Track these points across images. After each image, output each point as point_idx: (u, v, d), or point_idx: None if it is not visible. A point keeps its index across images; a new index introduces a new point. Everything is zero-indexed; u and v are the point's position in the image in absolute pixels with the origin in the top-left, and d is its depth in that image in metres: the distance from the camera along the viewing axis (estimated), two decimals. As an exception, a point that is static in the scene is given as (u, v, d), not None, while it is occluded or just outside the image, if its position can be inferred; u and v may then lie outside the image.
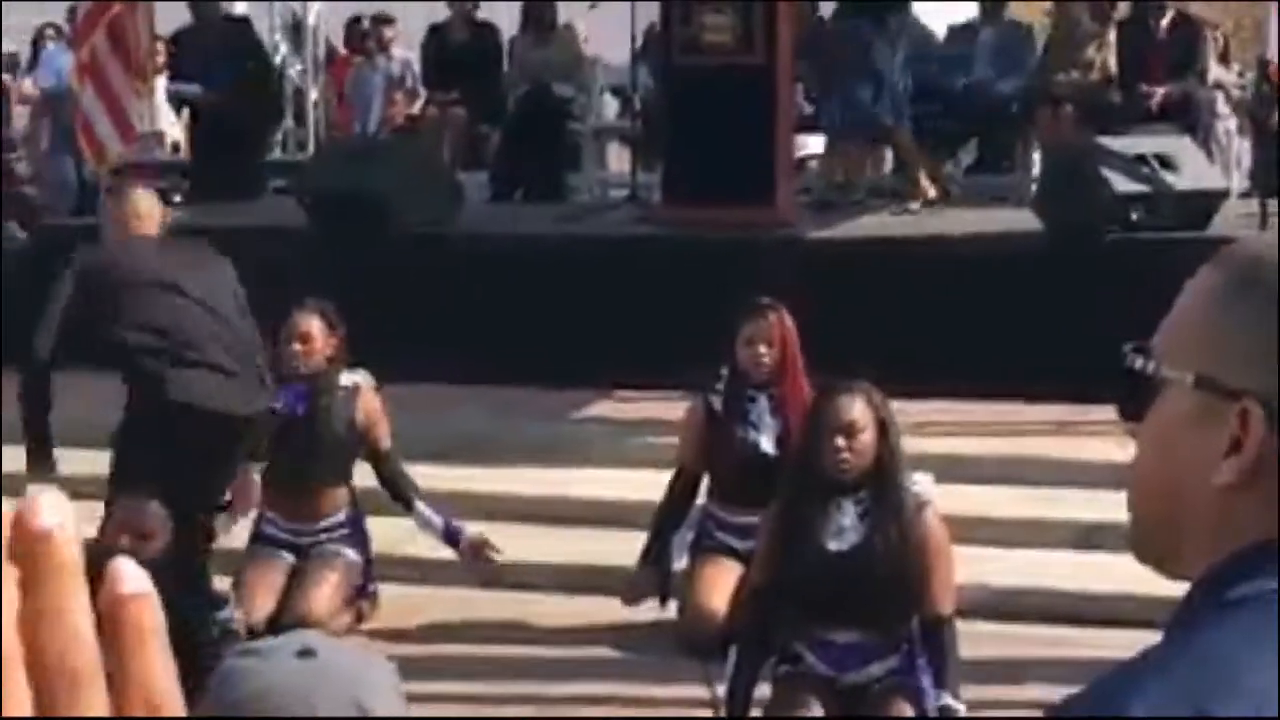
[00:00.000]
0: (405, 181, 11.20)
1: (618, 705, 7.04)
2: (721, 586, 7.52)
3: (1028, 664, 7.32)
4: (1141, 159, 10.32)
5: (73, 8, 14.99)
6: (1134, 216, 10.17)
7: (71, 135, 14.46)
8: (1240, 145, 13.51)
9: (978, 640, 7.21)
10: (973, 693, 6.58)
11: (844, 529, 6.06)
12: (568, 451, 9.52)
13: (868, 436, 6.02)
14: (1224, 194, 10.77)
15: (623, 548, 7.96)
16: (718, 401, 7.80)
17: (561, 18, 14.53)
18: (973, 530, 8.48)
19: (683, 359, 10.20)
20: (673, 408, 10.01)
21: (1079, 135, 11.92)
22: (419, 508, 7.81)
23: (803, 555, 6.01)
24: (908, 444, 9.17)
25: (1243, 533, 1.51)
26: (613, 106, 15.67)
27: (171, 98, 14.48)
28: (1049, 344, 9.92)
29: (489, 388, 10.30)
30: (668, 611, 7.67)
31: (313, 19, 14.99)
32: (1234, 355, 1.51)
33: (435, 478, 9.04)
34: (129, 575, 0.82)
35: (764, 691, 6.26)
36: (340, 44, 17.14)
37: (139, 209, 7.51)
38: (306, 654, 2.07)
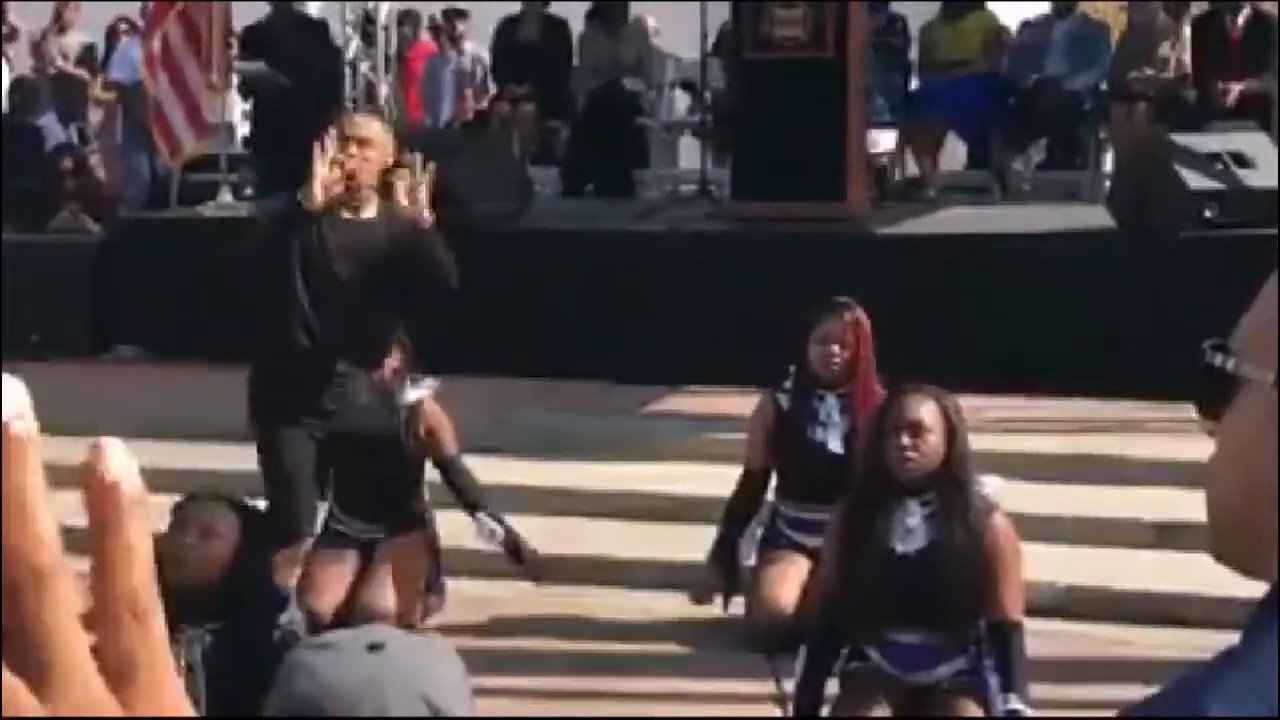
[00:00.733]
0: (475, 176, 11.21)
1: (684, 701, 7.02)
2: (789, 582, 7.49)
3: (1095, 664, 7.28)
4: (1215, 156, 10.25)
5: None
6: (1208, 214, 10.10)
7: (145, 129, 14.56)
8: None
9: (1044, 639, 7.17)
10: (1039, 692, 6.53)
11: (911, 530, 6.02)
12: (637, 447, 9.51)
13: (935, 438, 5.96)
14: (1298, 191, 10.67)
15: (691, 543, 7.95)
16: (786, 400, 7.76)
17: (632, 13, 14.52)
18: (1042, 528, 8.44)
19: (752, 355, 10.20)
20: (742, 403, 9.99)
21: (1153, 132, 11.84)
22: (481, 517, 7.70)
23: (870, 556, 5.98)
24: (977, 441, 9.15)
25: None
26: (684, 101, 15.66)
27: (240, 82, 14.55)
28: (1121, 342, 9.87)
29: (558, 382, 10.31)
30: (735, 607, 7.65)
31: (384, 16, 15.01)
32: (1315, 353, 1.49)
33: (503, 472, 9.05)
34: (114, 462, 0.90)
35: (831, 689, 6.23)
36: (413, 37, 17.18)
37: None
38: (376, 648, 2.07)
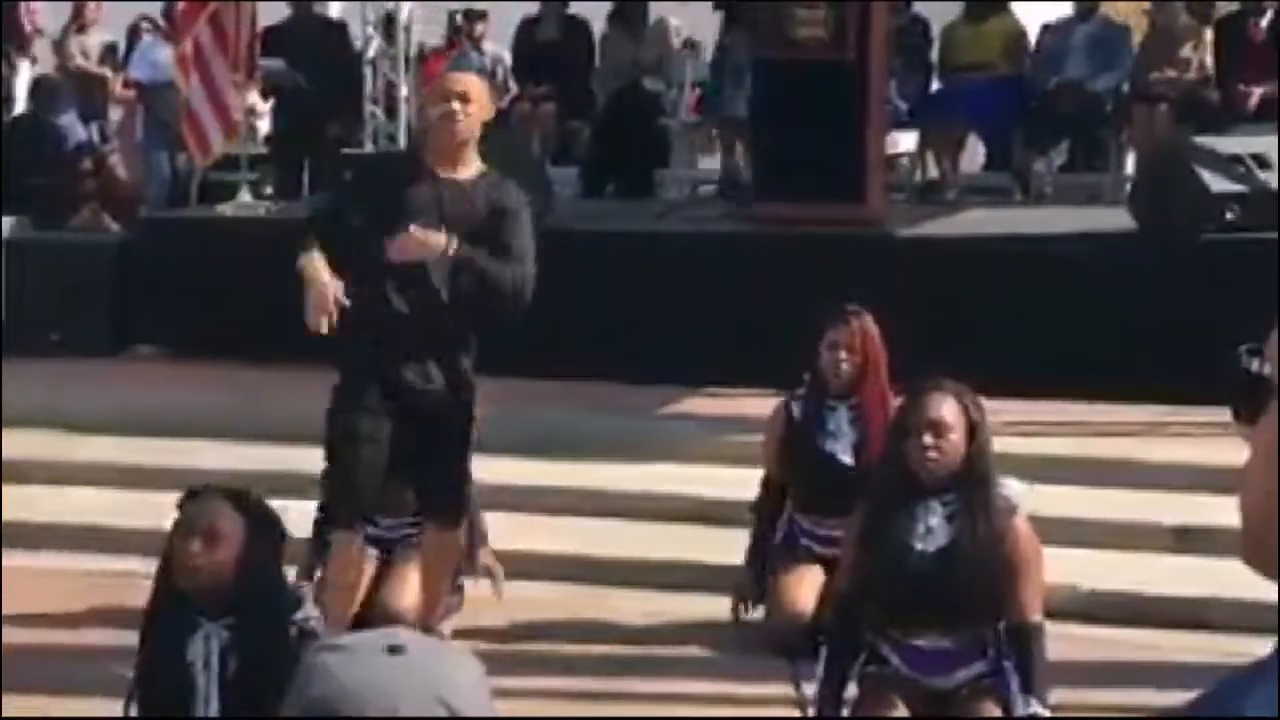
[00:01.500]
0: (495, 176, 11.19)
1: (703, 703, 7.01)
2: (808, 586, 7.48)
3: (1117, 668, 7.25)
4: (1237, 158, 10.21)
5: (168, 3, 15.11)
6: (1229, 216, 10.07)
7: (166, 128, 14.56)
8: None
9: (1067, 642, 7.15)
10: (1061, 696, 6.52)
11: (931, 530, 5.99)
12: (656, 448, 9.50)
13: (956, 436, 5.93)
14: (1321, 194, 10.64)
15: (710, 545, 7.94)
16: (798, 408, 7.73)
17: (654, 13, 14.52)
18: (1064, 532, 8.42)
19: (772, 356, 10.19)
20: (762, 405, 9.97)
21: (1174, 134, 11.81)
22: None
23: (889, 555, 5.95)
24: (999, 444, 9.14)
25: None
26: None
27: (263, 80, 14.57)
28: (1142, 344, 9.84)
29: (578, 383, 10.30)
30: (755, 611, 7.64)
31: (404, 15, 15.03)
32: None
33: (523, 473, 9.06)
34: None
35: (850, 692, 6.22)
36: (434, 40, 17.18)
37: None
38: (395, 650, 2.06)
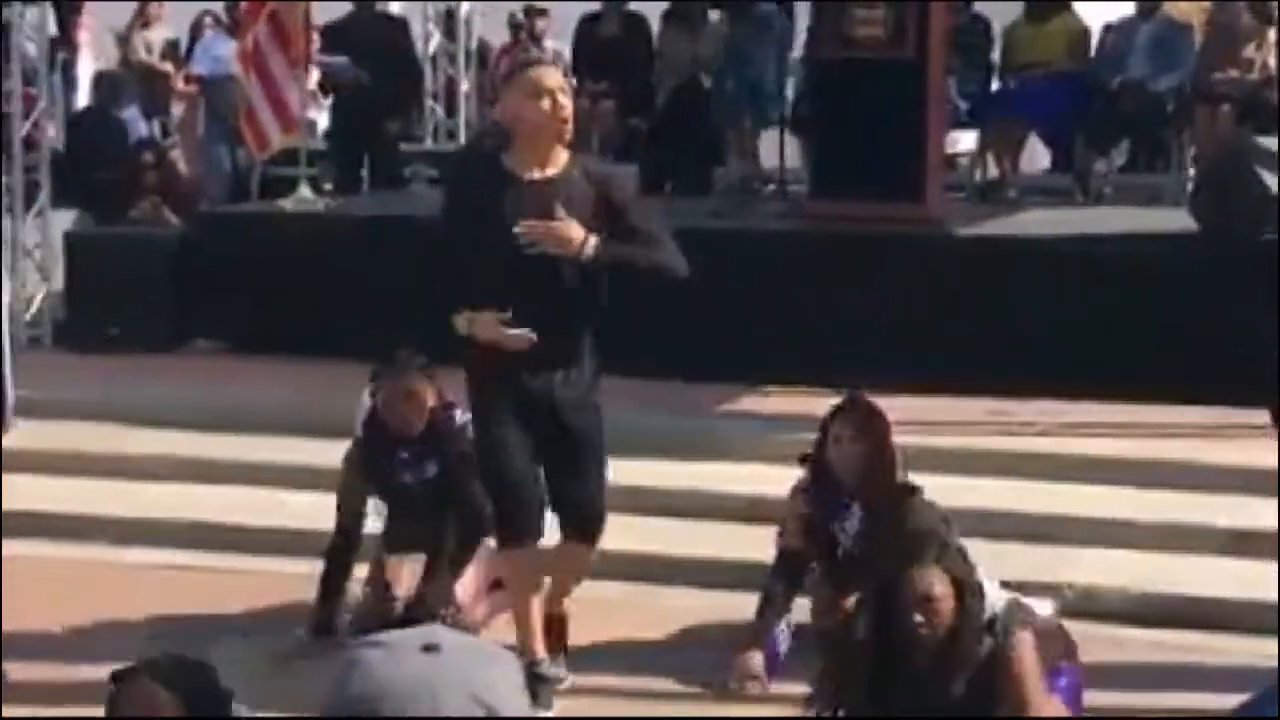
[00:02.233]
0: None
1: (761, 703, 7.00)
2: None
3: (1169, 670, 7.22)
4: (1300, 160, 10.15)
5: (233, -2, 15.21)
6: (1291, 218, 10.00)
7: (227, 123, 14.65)
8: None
9: (1118, 646, 7.13)
10: (1111, 699, 6.51)
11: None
12: (713, 447, 9.49)
13: (947, 604, 5.79)
14: (1383, 196, 10.56)
15: (765, 544, 7.92)
16: (810, 499, 7.42)
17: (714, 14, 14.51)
18: (1115, 533, 8.40)
19: (829, 356, 10.18)
20: (819, 404, 9.96)
21: (1236, 135, 11.74)
22: None
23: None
24: (1052, 445, 9.14)
25: None
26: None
27: (322, 76, 14.65)
28: (1202, 346, 9.79)
29: (634, 381, 10.28)
30: (800, 612, 7.61)
31: (465, 11, 15.08)
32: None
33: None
34: None
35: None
36: (494, 37, 17.22)
37: None
38: (431, 649, 2.07)
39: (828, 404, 7.90)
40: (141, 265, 11.89)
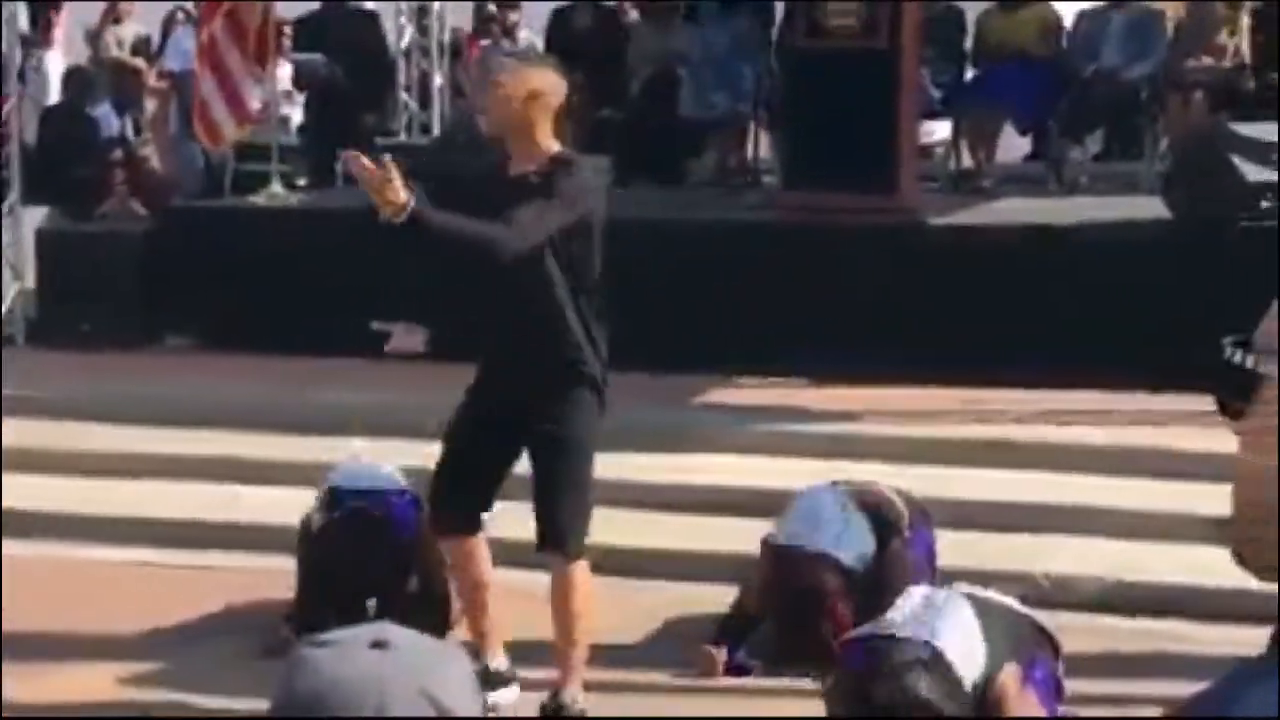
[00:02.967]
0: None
1: (738, 695, 6.98)
2: None
3: (1146, 658, 7.20)
4: (1273, 146, 10.12)
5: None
6: (1265, 204, 9.99)
7: (197, 118, 14.60)
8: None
9: (1096, 635, 7.11)
10: (1089, 687, 6.49)
11: None
12: (687, 438, 9.46)
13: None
14: (1357, 182, 10.56)
15: (741, 535, 7.89)
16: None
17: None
18: (1091, 521, 8.38)
19: (803, 346, 10.17)
20: (792, 395, 9.96)
21: (1210, 122, 11.73)
22: None
23: None
24: (1026, 432, 9.12)
25: None
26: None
27: (297, 72, 14.61)
28: (1177, 333, 9.77)
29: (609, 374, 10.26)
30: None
31: (437, 5, 15.03)
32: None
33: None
34: None
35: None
36: (468, 30, 17.18)
37: None
38: (380, 645, 2.04)
39: (803, 394, 7.87)
40: (113, 262, 11.84)
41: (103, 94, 15.77)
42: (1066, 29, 13.42)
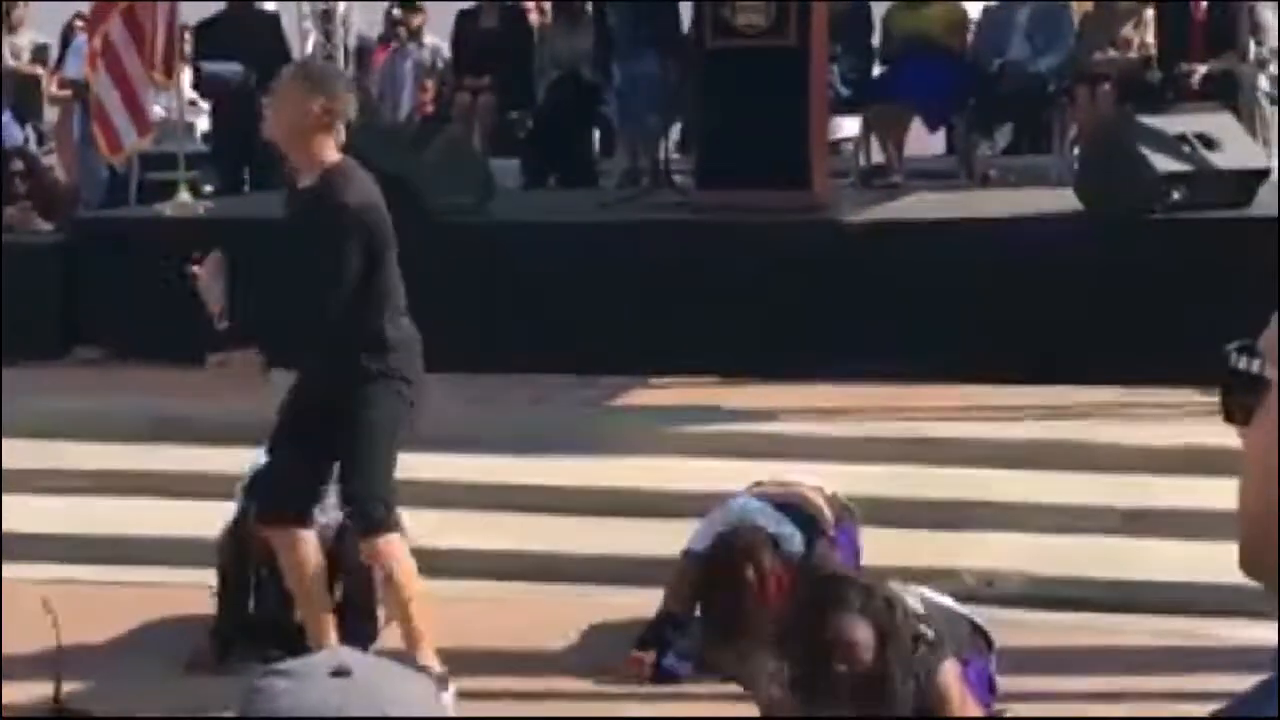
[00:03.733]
0: (436, 169, 11.10)
1: (661, 701, 6.94)
2: None
3: (1067, 653, 7.21)
4: (1182, 138, 10.19)
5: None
6: (1175, 196, 10.04)
7: (100, 127, 14.43)
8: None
9: (1019, 629, 7.11)
10: (1018, 683, 6.49)
11: None
12: (603, 440, 9.42)
13: (870, 653, 5.66)
14: (1266, 172, 10.63)
15: (661, 538, 7.86)
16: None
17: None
18: (1014, 517, 8.39)
19: (720, 345, 10.15)
20: (710, 394, 9.94)
21: (1118, 114, 11.79)
22: None
23: None
24: (946, 429, 9.13)
25: None
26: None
27: (205, 81, 14.49)
28: (1091, 326, 9.82)
29: (522, 376, 10.23)
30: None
31: (342, 9, 14.93)
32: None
33: (472, 469, 8.97)
34: None
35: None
36: (372, 35, 17.10)
37: None
38: (340, 673, 1.99)
39: (723, 394, 7.84)
40: (23, 274, 11.67)
41: (2, 103, 15.58)
42: (973, 23, 13.48)
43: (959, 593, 6.89)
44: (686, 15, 13.10)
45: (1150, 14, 13.01)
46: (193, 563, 7.93)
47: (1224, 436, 6.11)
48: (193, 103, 14.19)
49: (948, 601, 6.24)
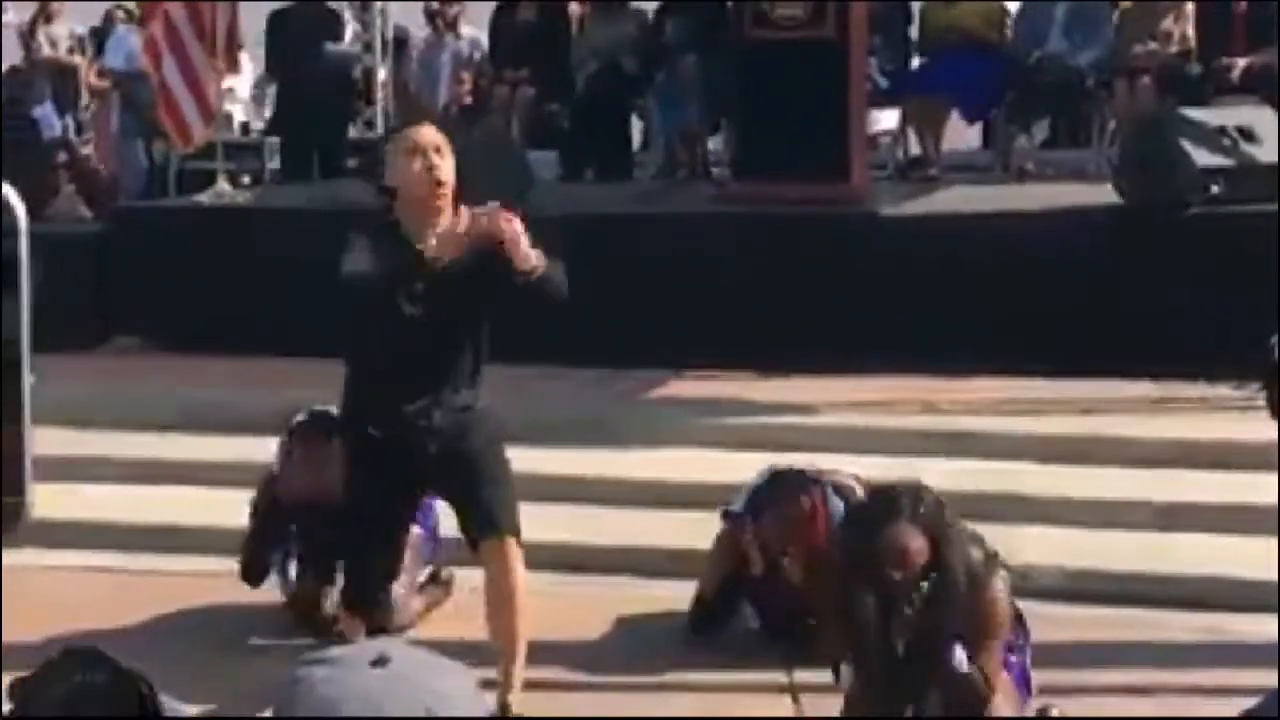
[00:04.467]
0: (474, 161, 11.07)
1: (692, 691, 6.95)
2: None
3: (1102, 647, 7.20)
4: (1222, 131, 10.15)
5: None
6: (1215, 190, 10.01)
7: (142, 118, 14.49)
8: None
9: (1053, 623, 7.10)
10: (1048, 677, 6.48)
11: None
12: (639, 433, 9.43)
13: (922, 557, 5.59)
14: (1306, 167, 10.59)
15: (693, 530, 7.87)
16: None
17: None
18: (1050, 510, 8.39)
19: (756, 338, 10.15)
20: (746, 387, 9.94)
21: (1158, 108, 11.75)
22: None
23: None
24: (983, 423, 9.12)
25: None
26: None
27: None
28: (1129, 321, 9.80)
29: (558, 368, 10.24)
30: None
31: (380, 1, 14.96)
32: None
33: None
34: None
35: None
36: (412, 26, 17.12)
37: None
38: (380, 663, 2.00)
39: (755, 386, 7.84)
40: (61, 263, 11.71)
41: (41, 94, 15.66)
42: (1012, 16, 13.44)
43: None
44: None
45: (1190, 7, 12.95)
46: (226, 551, 7.95)
47: (1258, 431, 6.12)
48: (229, 89, 14.23)
49: None
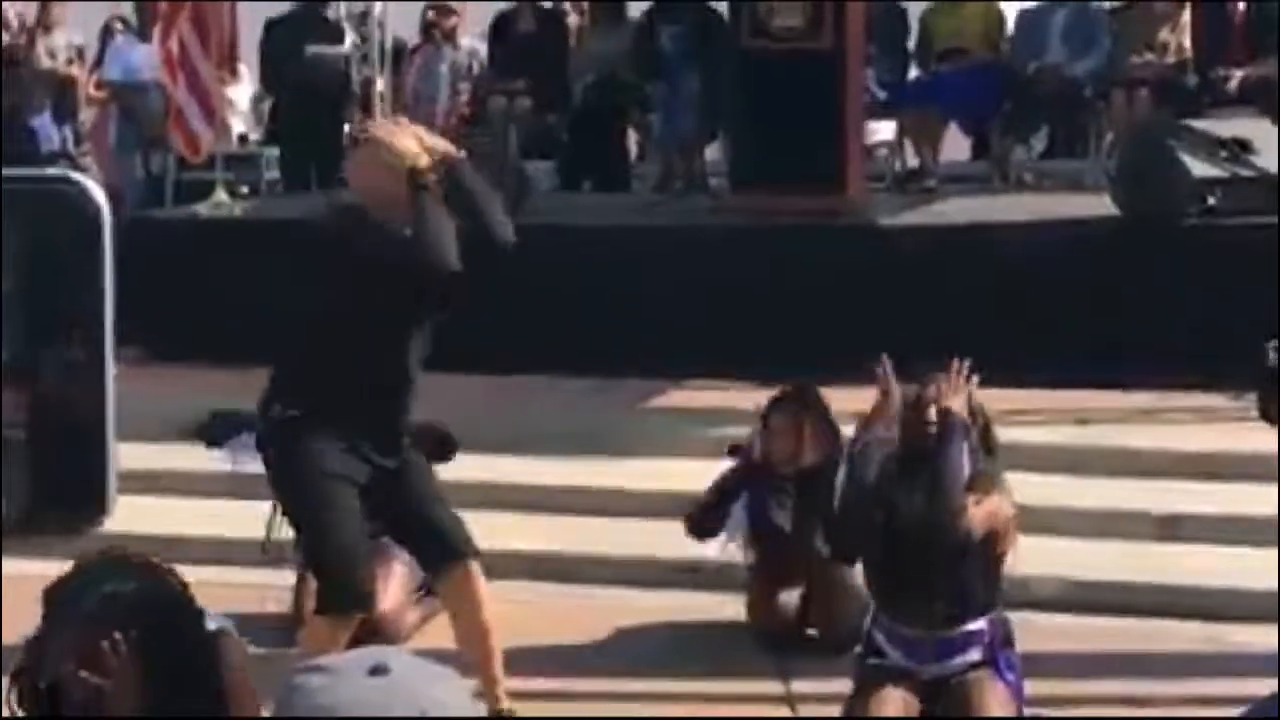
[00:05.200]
0: (469, 177, 11.10)
1: (688, 701, 6.95)
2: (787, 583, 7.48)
3: (1104, 657, 7.20)
4: (1219, 142, 10.16)
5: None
6: (1212, 201, 10.01)
7: (140, 129, 14.48)
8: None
9: (1055, 634, 7.11)
10: (1050, 687, 6.48)
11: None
12: (636, 443, 9.43)
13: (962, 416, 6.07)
14: (1305, 178, 10.59)
15: (691, 542, 7.87)
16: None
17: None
18: (1050, 521, 8.37)
19: (754, 349, 10.15)
20: (743, 398, 9.93)
21: (1155, 118, 11.76)
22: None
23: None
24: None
25: None
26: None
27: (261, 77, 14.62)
28: (1126, 331, 9.80)
29: (555, 378, 10.24)
30: (737, 608, 7.59)
31: (379, 10, 14.95)
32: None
33: (502, 471, 8.98)
34: None
35: (844, 687, 6.18)
36: (410, 36, 17.11)
37: None
38: (378, 671, 2.00)
39: (750, 397, 7.88)
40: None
41: (40, 105, 15.64)
42: (1009, 26, 13.45)
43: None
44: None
45: (1187, 18, 12.95)
46: (239, 562, 7.95)
47: (1258, 442, 6.13)
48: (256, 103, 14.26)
49: None
